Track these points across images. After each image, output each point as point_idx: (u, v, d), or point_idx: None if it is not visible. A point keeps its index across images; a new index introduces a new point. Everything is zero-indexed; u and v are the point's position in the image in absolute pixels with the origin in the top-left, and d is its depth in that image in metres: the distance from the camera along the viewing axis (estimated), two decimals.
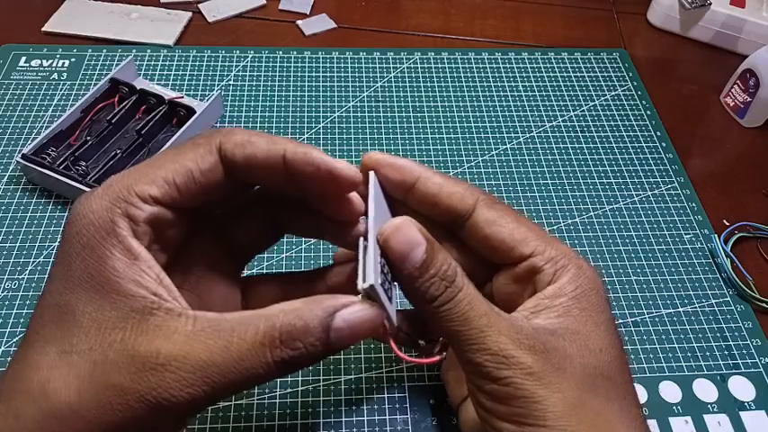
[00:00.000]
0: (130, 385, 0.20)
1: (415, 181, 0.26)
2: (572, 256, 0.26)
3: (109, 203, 0.22)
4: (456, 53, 0.58)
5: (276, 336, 0.21)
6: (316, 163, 0.24)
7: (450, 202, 0.26)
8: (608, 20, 0.64)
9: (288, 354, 0.21)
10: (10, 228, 0.42)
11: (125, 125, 0.46)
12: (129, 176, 0.23)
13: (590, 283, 0.26)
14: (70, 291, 0.21)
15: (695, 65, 0.60)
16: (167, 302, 0.21)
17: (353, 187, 0.25)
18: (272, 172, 0.24)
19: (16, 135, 0.48)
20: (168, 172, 0.23)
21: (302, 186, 0.25)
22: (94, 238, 0.21)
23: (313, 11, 0.61)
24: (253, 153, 0.24)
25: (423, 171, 0.27)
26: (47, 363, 0.20)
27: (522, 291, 0.27)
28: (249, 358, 0.20)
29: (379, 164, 0.26)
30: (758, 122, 0.53)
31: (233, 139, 0.24)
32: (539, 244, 0.26)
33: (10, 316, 0.37)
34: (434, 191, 0.26)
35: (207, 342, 0.20)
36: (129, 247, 0.22)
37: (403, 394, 0.35)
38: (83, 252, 0.21)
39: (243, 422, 0.34)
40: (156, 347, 0.20)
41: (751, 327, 0.40)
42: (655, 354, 0.38)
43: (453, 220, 0.27)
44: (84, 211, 0.22)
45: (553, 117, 0.53)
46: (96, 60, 0.54)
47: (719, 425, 0.36)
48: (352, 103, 0.52)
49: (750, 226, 0.45)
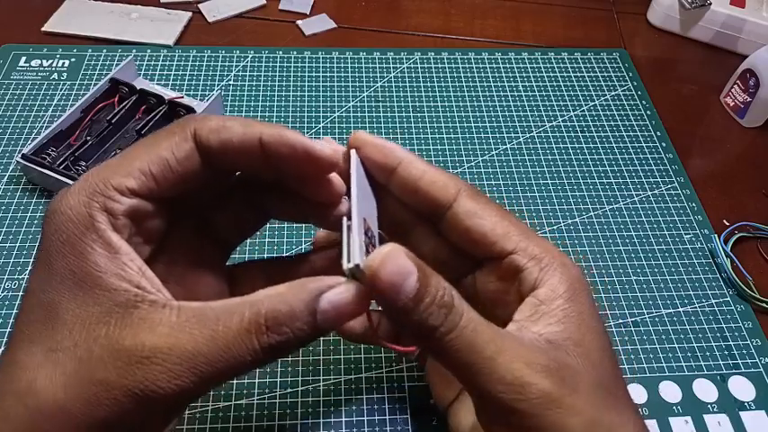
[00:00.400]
0: (116, 380, 0.20)
1: (397, 164, 0.26)
2: (555, 253, 0.25)
3: (86, 198, 0.22)
4: (456, 53, 0.58)
5: (262, 322, 0.20)
6: (291, 143, 0.23)
7: (432, 190, 0.26)
8: (608, 20, 0.64)
9: (275, 339, 0.20)
10: (10, 228, 0.42)
11: (125, 125, 0.46)
12: (105, 169, 0.23)
13: (578, 282, 0.25)
14: (53, 289, 0.21)
15: (695, 65, 0.60)
16: (151, 295, 0.21)
17: (332, 168, 0.24)
18: (248, 156, 0.24)
19: (16, 135, 0.48)
20: (144, 162, 0.23)
21: (280, 168, 0.24)
22: (73, 233, 0.21)
23: (313, 11, 0.61)
24: (228, 138, 0.23)
25: (406, 155, 0.26)
26: (33, 362, 0.20)
27: (507, 288, 0.26)
28: (236, 346, 0.20)
29: (365, 142, 0.26)
30: (758, 122, 0.53)
31: (207, 125, 0.23)
32: (521, 240, 0.25)
33: (10, 316, 0.37)
34: (416, 176, 0.26)
35: (192, 332, 0.20)
36: (109, 241, 0.21)
37: (403, 394, 0.35)
38: (63, 249, 0.21)
39: (243, 422, 0.34)
40: (141, 340, 0.20)
41: (751, 327, 0.40)
42: (655, 354, 0.38)
43: (434, 209, 0.26)
44: (62, 207, 0.22)
45: (553, 117, 0.53)
46: (96, 60, 0.54)
47: (719, 425, 0.36)
48: (352, 103, 0.52)
49: (750, 226, 0.45)
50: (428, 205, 0.26)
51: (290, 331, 0.21)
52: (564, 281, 0.25)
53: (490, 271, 0.26)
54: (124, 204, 0.22)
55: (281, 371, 0.36)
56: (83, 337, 0.20)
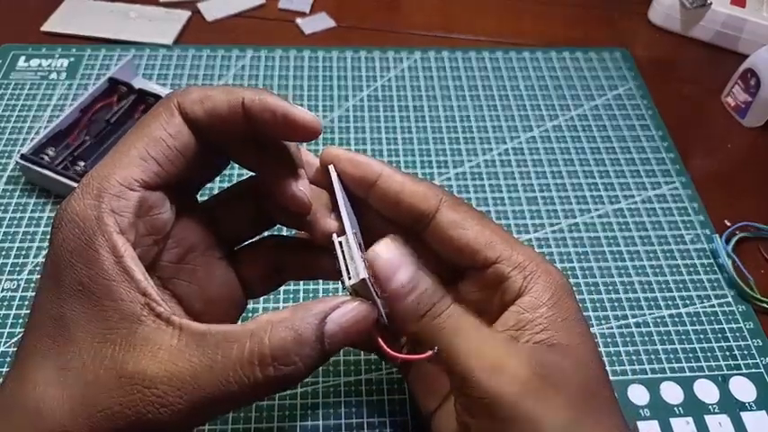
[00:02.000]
0: (120, 409, 0.20)
1: (376, 178, 0.25)
2: (539, 260, 0.25)
3: (92, 201, 0.22)
4: (456, 53, 0.57)
5: (267, 353, 0.20)
6: (271, 108, 0.23)
7: (413, 201, 0.25)
8: (609, 19, 0.64)
9: (282, 372, 0.20)
10: (9, 228, 0.42)
11: (124, 125, 0.46)
12: (104, 167, 0.22)
13: (562, 289, 0.25)
14: (63, 302, 0.21)
15: (696, 64, 0.59)
16: (155, 305, 0.21)
17: (312, 135, 0.24)
18: (233, 124, 0.24)
19: (15, 135, 0.47)
20: (140, 149, 0.23)
21: (263, 135, 0.24)
22: (81, 241, 0.21)
23: (313, 10, 0.61)
24: (212, 107, 0.23)
25: (384, 168, 0.26)
26: (43, 379, 0.20)
27: (490, 298, 0.26)
28: (235, 377, 0.20)
29: (339, 158, 0.26)
30: (759, 122, 0.53)
31: (189, 97, 0.23)
32: (504, 248, 0.25)
33: (9, 316, 0.37)
34: (396, 189, 0.25)
35: (191, 360, 0.20)
36: (115, 245, 0.21)
37: (403, 396, 0.35)
38: (71, 259, 0.21)
39: (242, 423, 0.34)
40: (143, 367, 0.20)
41: (752, 327, 0.40)
42: (656, 354, 0.38)
43: (416, 221, 0.26)
44: (68, 215, 0.22)
45: (554, 117, 0.52)
46: (95, 60, 0.54)
47: (720, 425, 0.35)
48: (351, 102, 0.52)
49: (751, 226, 0.45)
50: (410, 217, 0.26)
51: (300, 359, 0.20)
52: (548, 288, 0.24)
53: (474, 281, 0.26)
54: (131, 200, 0.22)
55: None
56: (90, 358, 0.20)
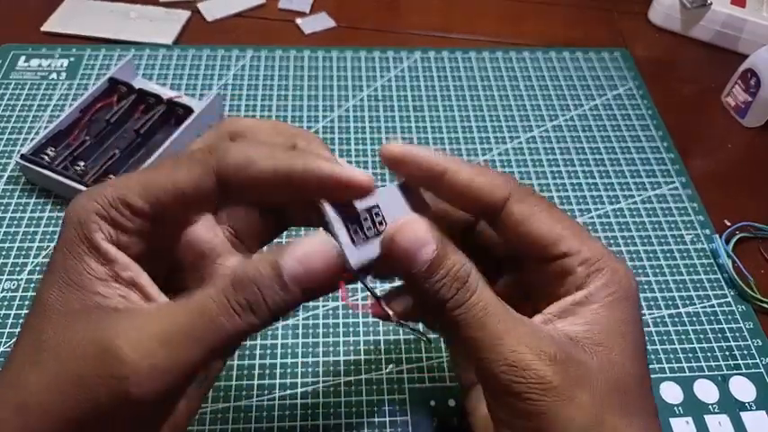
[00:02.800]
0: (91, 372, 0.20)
1: (442, 175, 0.25)
2: (608, 258, 0.24)
3: (95, 204, 0.22)
4: (456, 53, 0.57)
5: (229, 284, 0.21)
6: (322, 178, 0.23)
7: (481, 196, 0.25)
8: (609, 19, 0.64)
9: (243, 298, 0.20)
10: (9, 228, 0.42)
11: (124, 125, 0.46)
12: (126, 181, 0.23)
13: (624, 291, 0.24)
14: (50, 285, 0.22)
15: (696, 64, 0.59)
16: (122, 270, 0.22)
17: (366, 193, 0.24)
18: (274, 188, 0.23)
19: (15, 135, 0.47)
20: (160, 189, 0.23)
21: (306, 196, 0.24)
22: (75, 235, 0.22)
23: (313, 9, 0.61)
24: (254, 177, 0.23)
25: (449, 164, 0.25)
26: (27, 360, 0.21)
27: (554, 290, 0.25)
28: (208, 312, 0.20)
29: (404, 160, 0.25)
30: (759, 122, 0.53)
31: (233, 162, 0.23)
32: (573, 243, 0.24)
33: (9, 316, 0.37)
34: (464, 184, 0.25)
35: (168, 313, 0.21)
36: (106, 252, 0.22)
37: (403, 396, 0.35)
38: (63, 248, 0.22)
39: (242, 423, 0.34)
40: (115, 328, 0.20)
41: (752, 327, 0.40)
42: (656, 354, 0.38)
43: (483, 215, 0.26)
44: (75, 207, 0.22)
45: (554, 117, 0.52)
46: (95, 60, 0.54)
47: (720, 425, 0.35)
48: (351, 102, 0.52)
49: (751, 226, 0.45)
50: (477, 212, 0.26)
51: (259, 290, 0.21)
52: (606, 287, 0.24)
53: (537, 273, 0.26)
54: (135, 224, 0.23)
55: (281, 372, 0.36)
56: (65, 336, 0.21)
